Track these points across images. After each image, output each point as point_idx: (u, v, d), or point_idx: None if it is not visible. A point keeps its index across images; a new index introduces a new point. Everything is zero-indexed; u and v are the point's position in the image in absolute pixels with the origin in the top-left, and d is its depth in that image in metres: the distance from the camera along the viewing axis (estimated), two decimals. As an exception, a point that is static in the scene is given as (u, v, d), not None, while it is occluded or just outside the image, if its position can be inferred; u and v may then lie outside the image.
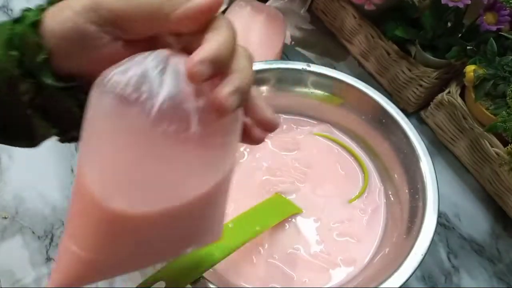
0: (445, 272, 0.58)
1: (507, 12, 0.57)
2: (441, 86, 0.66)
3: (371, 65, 0.73)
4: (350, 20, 0.72)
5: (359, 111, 0.58)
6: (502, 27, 0.58)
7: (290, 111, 0.61)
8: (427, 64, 0.64)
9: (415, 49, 0.66)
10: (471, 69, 0.57)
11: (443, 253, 0.60)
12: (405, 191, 0.53)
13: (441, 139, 0.68)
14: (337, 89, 0.58)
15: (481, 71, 0.56)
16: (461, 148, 0.65)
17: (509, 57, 0.56)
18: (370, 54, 0.72)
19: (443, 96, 0.63)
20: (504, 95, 0.55)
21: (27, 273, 0.54)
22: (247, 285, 0.49)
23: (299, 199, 0.55)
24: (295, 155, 0.59)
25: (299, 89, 0.59)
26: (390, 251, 0.50)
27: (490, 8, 0.58)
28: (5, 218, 0.58)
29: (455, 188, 0.65)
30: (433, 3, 0.62)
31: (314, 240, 0.52)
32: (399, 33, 0.64)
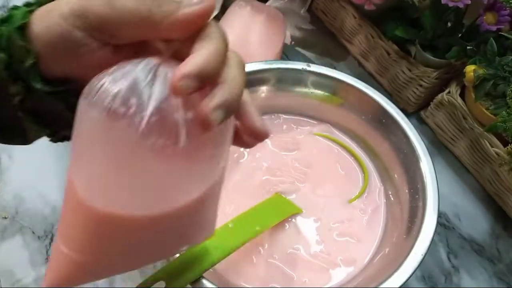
0: (445, 272, 0.58)
1: (507, 12, 0.57)
2: (441, 86, 0.66)
3: (371, 65, 0.73)
4: (350, 20, 0.72)
5: (359, 111, 0.58)
6: (502, 27, 0.58)
7: (290, 111, 0.61)
8: (427, 64, 0.64)
9: (415, 49, 0.65)
10: (471, 69, 0.57)
11: (443, 253, 0.60)
12: (405, 191, 0.53)
13: (441, 139, 0.68)
14: (337, 89, 0.58)
15: (481, 71, 0.56)
16: (461, 148, 0.65)
17: (509, 57, 0.56)
18: (370, 54, 0.72)
19: (443, 96, 0.63)
20: (504, 95, 0.55)
21: (27, 273, 0.54)
22: (247, 285, 0.49)
23: (299, 199, 0.55)
24: (295, 155, 0.59)
25: (299, 89, 0.59)
26: (390, 251, 0.50)
27: (490, 8, 0.58)
28: (5, 218, 0.58)
29: (455, 188, 0.65)
30: (433, 3, 0.62)
31: (314, 240, 0.52)
32: (399, 33, 0.64)
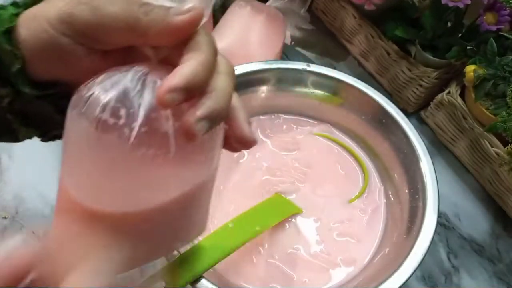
0: (445, 272, 0.58)
1: (507, 12, 0.57)
2: (441, 86, 0.66)
3: (371, 65, 0.73)
4: (350, 20, 0.72)
5: (359, 111, 0.58)
6: (502, 27, 0.58)
7: (290, 111, 0.61)
8: (427, 64, 0.64)
9: (415, 49, 0.65)
10: (471, 69, 0.57)
11: (443, 253, 0.60)
12: (405, 191, 0.53)
13: (441, 139, 0.68)
14: (337, 89, 0.58)
15: (481, 71, 0.56)
16: (461, 148, 0.65)
17: (509, 57, 0.56)
18: (370, 54, 0.72)
19: (443, 96, 0.63)
20: (504, 95, 0.55)
21: (27, 273, 0.54)
22: (247, 285, 0.49)
23: (299, 199, 0.55)
24: (295, 155, 0.59)
25: (299, 89, 0.59)
26: (390, 251, 0.50)
27: (490, 8, 0.58)
28: (5, 218, 0.58)
29: (455, 188, 0.65)
30: (433, 3, 0.62)
31: (314, 240, 0.52)
32: (399, 33, 0.64)
